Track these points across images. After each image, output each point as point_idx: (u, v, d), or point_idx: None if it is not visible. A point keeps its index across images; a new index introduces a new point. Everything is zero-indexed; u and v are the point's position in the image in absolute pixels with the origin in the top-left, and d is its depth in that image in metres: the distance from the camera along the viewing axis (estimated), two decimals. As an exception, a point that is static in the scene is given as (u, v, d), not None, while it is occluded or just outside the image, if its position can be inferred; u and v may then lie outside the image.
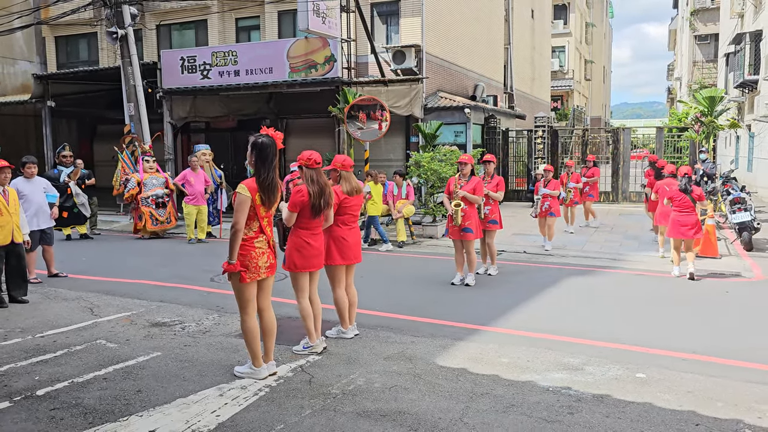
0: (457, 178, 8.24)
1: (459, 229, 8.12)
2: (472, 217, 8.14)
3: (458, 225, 8.06)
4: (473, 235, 8.11)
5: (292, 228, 5.40)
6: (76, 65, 21.93)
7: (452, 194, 8.16)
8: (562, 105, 42.45)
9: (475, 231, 8.16)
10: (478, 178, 8.34)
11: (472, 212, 8.16)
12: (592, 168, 14.25)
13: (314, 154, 5.40)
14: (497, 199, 8.81)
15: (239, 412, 4.28)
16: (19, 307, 7.30)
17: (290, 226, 5.41)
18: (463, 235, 8.12)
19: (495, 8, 24.73)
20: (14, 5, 19.95)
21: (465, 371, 5.02)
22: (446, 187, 8.43)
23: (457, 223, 8.07)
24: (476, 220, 8.22)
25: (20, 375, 5.02)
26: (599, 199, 18.45)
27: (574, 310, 7.11)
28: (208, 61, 16.74)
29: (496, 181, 8.91)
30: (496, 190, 8.81)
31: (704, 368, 5.10)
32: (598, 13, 55.75)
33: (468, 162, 8.20)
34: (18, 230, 7.40)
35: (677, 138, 19.68)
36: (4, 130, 21.72)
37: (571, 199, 13.02)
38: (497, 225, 8.89)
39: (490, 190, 8.70)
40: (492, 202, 8.78)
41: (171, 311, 7.00)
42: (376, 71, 16.98)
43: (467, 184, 8.12)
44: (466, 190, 8.08)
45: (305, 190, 5.26)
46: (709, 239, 10.16)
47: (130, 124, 15.23)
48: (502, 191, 8.91)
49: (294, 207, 5.26)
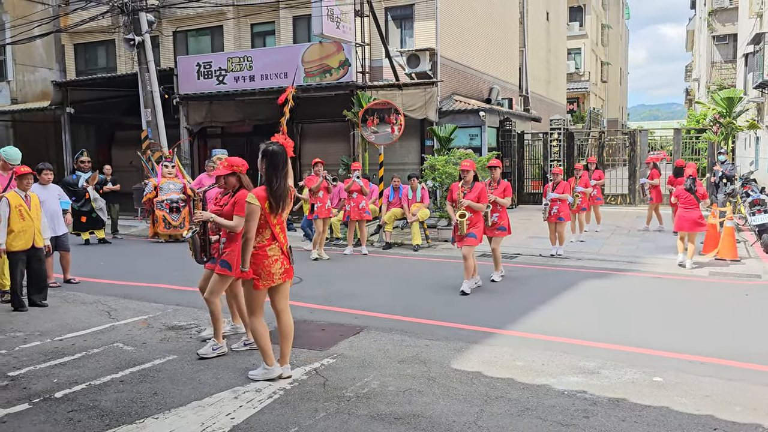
0: (460, 186, 7.99)
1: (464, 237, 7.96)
2: (477, 223, 7.98)
3: (464, 234, 7.84)
4: (475, 240, 7.87)
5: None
6: (95, 72, 22.21)
7: (456, 202, 7.92)
8: (578, 107, 42.19)
9: (478, 236, 7.97)
10: (482, 184, 8.06)
11: (477, 218, 7.99)
12: (596, 170, 13.91)
13: None
14: (505, 205, 8.63)
15: (254, 414, 4.30)
16: (39, 310, 7.41)
17: (210, 237, 5.55)
18: (465, 240, 7.89)
19: (510, 11, 24.66)
20: (34, 14, 20.29)
21: (479, 374, 5.01)
22: (449, 194, 8.21)
23: (462, 233, 7.88)
24: (482, 225, 8.07)
25: (39, 377, 5.08)
26: (618, 201, 18.35)
27: (590, 314, 7.06)
28: (223, 66, 16.88)
29: (503, 187, 8.69)
30: (503, 195, 8.61)
31: (722, 372, 5.04)
32: (614, 15, 55.36)
33: (470, 169, 7.90)
34: (39, 235, 7.51)
35: (695, 140, 19.48)
36: (25, 136, 22.09)
37: (578, 204, 12.19)
38: (505, 231, 8.74)
39: (497, 197, 8.54)
40: (500, 208, 8.61)
41: (187, 315, 7.06)
42: (391, 75, 17.01)
43: (470, 192, 7.86)
44: (470, 198, 7.85)
45: None
46: (729, 241, 10.03)
47: (148, 129, 15.40)
48: (509, 196, 8.71)
49: None
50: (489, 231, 8.48)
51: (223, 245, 5.52)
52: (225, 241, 5.51)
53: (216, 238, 5.61)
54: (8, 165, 8.04)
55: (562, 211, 10.40)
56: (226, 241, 5.49)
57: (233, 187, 5.42)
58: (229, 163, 5.42)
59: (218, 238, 5.60)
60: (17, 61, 22.37)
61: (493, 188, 8.63)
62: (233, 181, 5.40)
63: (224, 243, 5.51)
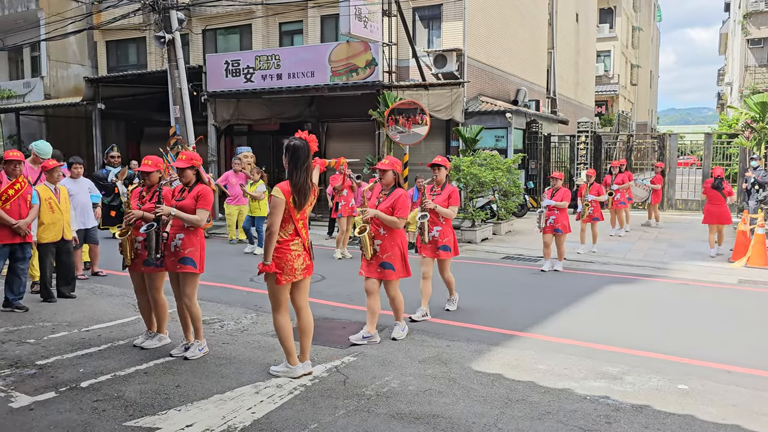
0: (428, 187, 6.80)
1: (434, 247, 6.76)
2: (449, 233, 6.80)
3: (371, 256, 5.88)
4: (393, 273, 5.88)
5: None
6: (126, 69, 22.57)
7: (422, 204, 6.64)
8: (606, 110, 41.66)
9: (453, 249, 6.82)
10: (452, 188, 6.81)
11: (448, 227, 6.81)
12: (620, 174, 13.62)
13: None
14: (449, 216, 6.74)
15: (274, 409, 4.33)
16: (67, 302, 7.55)
17: (168, 232, 5.35)
18: (438, 254, 6.78)
19: (539, 12, 24.46)
20: (68, 11, 20.69)
21: (500, 377, 4.97)
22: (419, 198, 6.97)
23: (424, 242, 6.70)
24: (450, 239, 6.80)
25: (66, 367, 5.18)
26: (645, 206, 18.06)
27: (615, 319, 6.96)
28: (251, 64, 17.01)
29: (447, 193, 6.75)
30: (447, 204, 6.68)
31: (750, 381, 4.93)
32: (645, 17, 54.52)
33: (388, 168, 5.93)
34: (68, 227, 7.66)
35: (727, 145, 19.11)
36: (57, 131, 22.54)
37: (589, 214, 11.08)
38: (450, 252, 6.80)
39: (438, 204, 6.63)
40: (443, 221, 6.75)
41: (211, 309, 7.13)
42: (417, 75, 16.98)
43: (386, 199, 5.92)
44: (437, 201, 6.65)
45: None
46: (759, 249, 9.83)
47: (176, 126, 15.59)
48: (456, 206, 6.75)
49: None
50: (427, 251, 6.77)
51: (180, 242, 5.29)
52: (182, 237, 5.30)
53: (165, 235, 5.37)
54: (39, 159, 8.21)
55: (559, 222, 9.25)
56: (184, 237, 5.30)
57: (189, 181, 5.40)
58: (188, 156, 5.40)
59: (167, 236, 5.37)
60: (51, 57, 22.83)
61: (436, 194, 6.75)
62: (190, 175, 5.38)
63: (181, 240, 5.29)
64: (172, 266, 5.34)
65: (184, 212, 5.27)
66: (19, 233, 6.85)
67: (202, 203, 5.30)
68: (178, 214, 5.25)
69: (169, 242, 5.36)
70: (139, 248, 5.52)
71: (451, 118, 16.17)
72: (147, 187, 5.63)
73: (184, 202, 5.32)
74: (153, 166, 5.55)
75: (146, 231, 5.27)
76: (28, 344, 5.82)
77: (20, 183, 6.89)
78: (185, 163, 5.37)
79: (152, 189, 5.58)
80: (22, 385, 4.78)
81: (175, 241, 5.33)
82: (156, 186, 5.56)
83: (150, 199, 5.52)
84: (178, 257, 5.30)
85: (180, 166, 5.36)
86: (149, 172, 5.55)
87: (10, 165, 6.83)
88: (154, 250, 5.31)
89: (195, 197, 5.31)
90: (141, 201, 5.56)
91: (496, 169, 12.75)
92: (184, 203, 5.31)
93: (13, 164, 6.83)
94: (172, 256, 5.33)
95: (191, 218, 5.27)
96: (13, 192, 6.82)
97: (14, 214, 6.80)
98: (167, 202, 5.38)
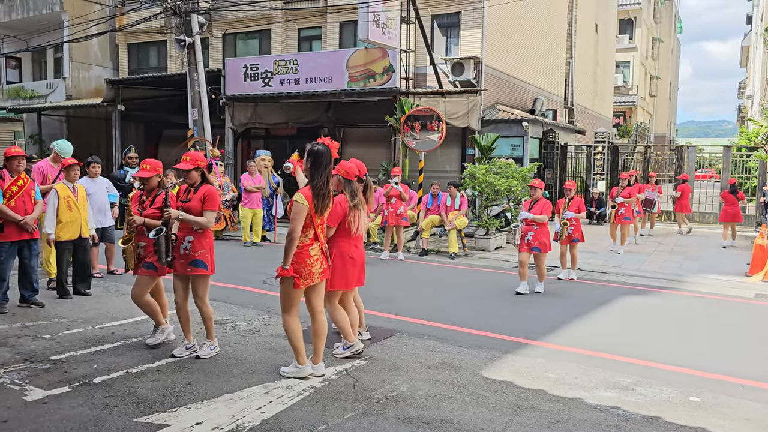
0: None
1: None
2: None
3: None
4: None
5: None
6: (146, 71, 22.84)
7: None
8: (624, 121, 41.40)
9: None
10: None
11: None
12: (628, 187, 12.87)
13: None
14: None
15: (283, 410, 4.35)
16: (83, 299, 7.64)
17: (176, 235, 5.34)
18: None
19: (558, 21, 24.41)
20: (91, 13, 21.02)
21: (510, 384, 4.96)
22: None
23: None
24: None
25: (79, 363, 5.25)
26: (662, 218, 17.90)
27: (627, 330, 6.91)
28: (269, 69, 17.15)
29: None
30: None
31: (763, 395, 4.87)
32: (665, 28, 54.18)
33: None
34: (86, 225, 7.76)
35: (746, 158, 18.90)
36: (78, 131, 22.84)
37: (568, 234, 9.46)
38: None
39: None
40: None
41: (223, 310, 7.18)
42: (434, 82, 17.01)
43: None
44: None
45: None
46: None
47: (194, 128, 15.74)
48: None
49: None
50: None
51: (189, 245, 5.27)
52: (192, 240, 5.29)
53: (174, 237, 5.35)
54: (59, 157, 8.33)
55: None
56: (194, 240, 5.29)
57: (194, 182, 5.37)
58: (192, 158, 5.35)
59: (175, 238, 5.35)
60: (73, 58, 23.17)
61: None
62: (195, 176, 5.35)
63: (191, 243, 5.28)
64: (183, 269, 5.32)
65: (191, 214, 5.27)
66: (26, 229, 6.89)
67: (209, 204, 5.29)
68: (186, 217, 5.24)
69: (178, 245, 5.34)
70: (141, 253, 5.54)
71: (468, 126, 16.17)
72: (147, 191, 5.63)
73: (191, 204, 5.30)
74: (152, 170, 5.54)
75: (155, 236, 5.23)
76: (44, 339, 5.90)
77: (23, 179, 6.91)
78: (190, 164, 5.32)
79: (152, 193, 5.59)
80: (36, 379, 4.85)
81: (184, 244, 5.31)
82: (156, 190, 5.57)
83: (150, 204, 5.52)
84: (188, 260, 5.29)
85: (184, 167, 5.31)
86: (148, 177, 5.53)
87: (14, 161, 6.82)
88: (164, 254, 5.32)
89: (201, 199, 5.30)
90: (141, 206, 5.56)
91: (512, 178, 12.71)
92: (191, 205, 5.30)
93: (17, 160, 6.84)
94: (182, 259, 5.32)
95: (200, 221, 5.27)
96: (16, 188, 6.83)
97: (20, 211, 6.82)
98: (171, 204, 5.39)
